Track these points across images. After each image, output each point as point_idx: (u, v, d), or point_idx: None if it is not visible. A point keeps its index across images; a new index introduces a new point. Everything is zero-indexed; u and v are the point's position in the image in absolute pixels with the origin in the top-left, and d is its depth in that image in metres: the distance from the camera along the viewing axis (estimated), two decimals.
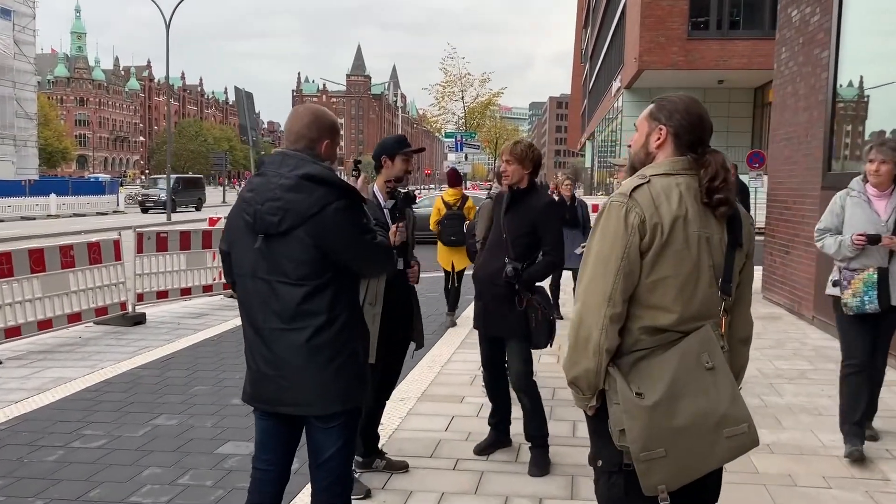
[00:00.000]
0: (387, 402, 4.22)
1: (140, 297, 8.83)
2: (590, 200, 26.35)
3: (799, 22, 8.86)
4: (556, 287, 9.02)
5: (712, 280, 2.08)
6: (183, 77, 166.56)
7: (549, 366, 6.38)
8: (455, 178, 9.08)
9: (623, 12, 34.56)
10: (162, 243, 9.20)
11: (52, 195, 33.80)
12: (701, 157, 2.14)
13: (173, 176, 37.30)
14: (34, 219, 30.84)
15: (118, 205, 39.04)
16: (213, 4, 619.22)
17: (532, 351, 4.30)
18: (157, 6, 31.83)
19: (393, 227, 3.82)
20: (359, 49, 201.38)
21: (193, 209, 40.44)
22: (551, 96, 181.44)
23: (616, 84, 36.57)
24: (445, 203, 8.55)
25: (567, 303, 9.62)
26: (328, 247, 2.46)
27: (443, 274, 9.12)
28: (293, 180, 2.47)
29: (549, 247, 4.24)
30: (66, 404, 5.43)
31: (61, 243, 7.97)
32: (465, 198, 8.56)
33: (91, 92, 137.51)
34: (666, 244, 2.03)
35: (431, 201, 21.75)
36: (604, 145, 47.31)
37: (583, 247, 6.19)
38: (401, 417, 5.04)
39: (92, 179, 49.69)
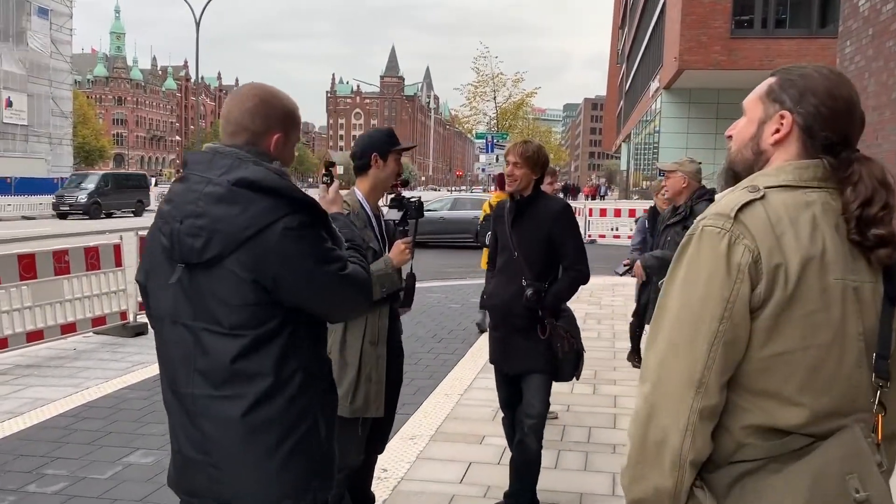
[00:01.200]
0: (379, 455, 3.46)
1: (142, 306, 8.23)
2: (626, 205, 25.52)
3: (868, 11, 7.96)
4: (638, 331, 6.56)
5: (861, 356, 1.33)
6: (219, 77, 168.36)
7: (583, 398, 5.61)
8: (503, 181, 8.38)
9: (662, 11, 33.50)
10: None
11: None
12: (845, 166, 1.38)
13: (100, 172, 32.65)
14: (67, 216, 30.75)
15: (151, 203, 39.03)
16: (251, 5, 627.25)
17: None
18: (189, 5, 31.69)
19: (401, 244, 3.11)
20: (392, 50, 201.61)
21: (132, 214, 33.03)
22: (586, 97, 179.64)
23: (654, 85, 35.51)
24: (492, 206, 7.91)
25: (595, 329, 8.83)
26: (273, 283, 1.77)
27: (464, 282, 8.38)
28: (223, 188, 1.78)
29: (571, 259, 3.54)
30: (35, 433, 4.81)
31: (55, 248, 7.42)
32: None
33: (129, 91, 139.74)
34: (792, 298, 1.29)
35: (443, 204, 21.32)
36: (640, 147, 46.21)
37: (625, 266, 5.42)
38: (409, 462, 4.31)
39: None
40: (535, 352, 3.53)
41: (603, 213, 23.09)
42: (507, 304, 3.56)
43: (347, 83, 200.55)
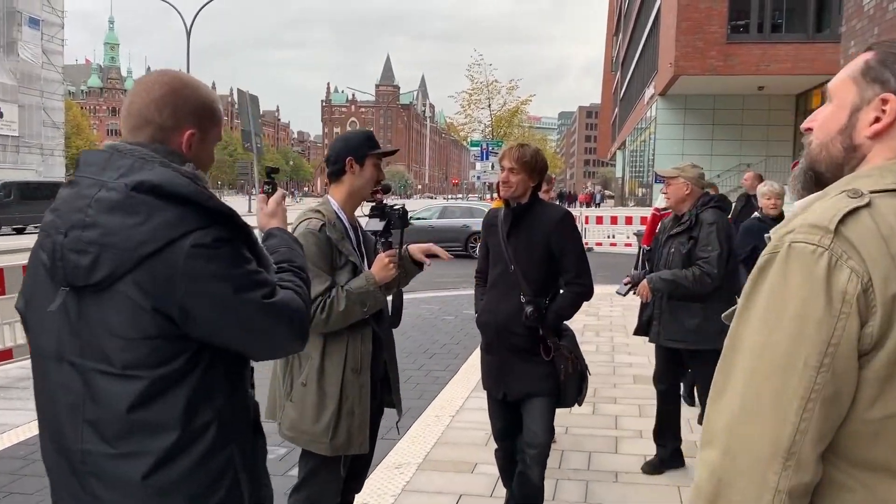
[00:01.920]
0: (356, 495, 3.10)
1: None
2: (622, 212, 25.21)
3: (874, 10, 7.68)
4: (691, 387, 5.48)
5: None
6: (214, 86, 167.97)
7: (582, 419, 5.26)
8: None
9: (657, 17, 33.33)
10: None
11: None
12: None
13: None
14: None
15: None
16: (249, 15, 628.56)
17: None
18: (180, 14, 31.42)
19: (384, 258, 2.78)
20: (388, 59, 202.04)
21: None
22: (580, 105, 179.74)
23: (649, 91, 35.28)
24: None
25: (597, 347, 8.48)
26: (180, 312, 1.46)
27: (458, 293, 8.04)
28: (119, 193, 1.46)
29: (573, 273, 3.23)
30: None
31: (24, 262, 7.05)
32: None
33: (123, 101, 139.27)
34: None
35: (432, 213, 20.95)
36: (636, 155, 45.98)
37: (627, 285, 4.83)
38: (394, 496, 3.96)
39: None
40: (536, 374, 3.21)
41: (599, 220, 22.78)
42: (503, 322, 3.24)
43: (343, 92, 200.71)
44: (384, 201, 2.86)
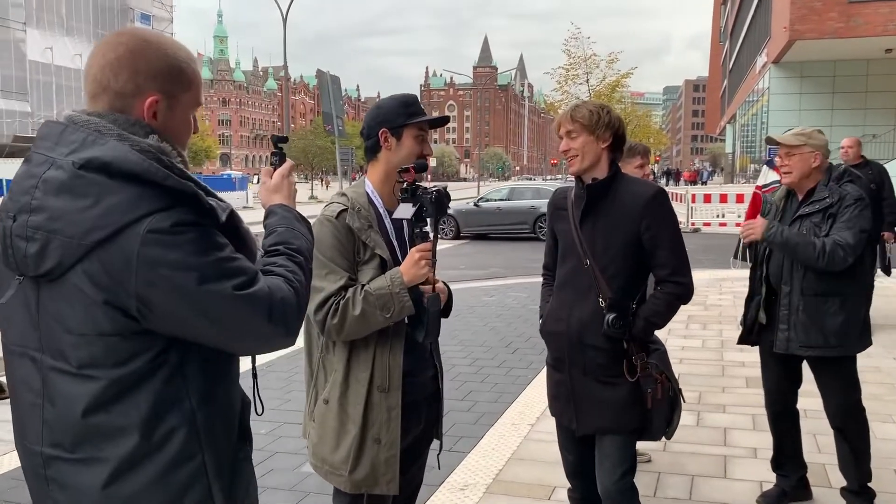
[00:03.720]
0: None
1: None
2: (732, 189, 23.62)
3: None
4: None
5: None
6: (318, 76, 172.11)
7: (684, 431, 4.51)
8: None
9: None
10: None
11: None
12: None
13: None
14: None
15: (247, 201, 39.85)
16: (352, 5, 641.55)
17: None
18: (277, 4, 31.85)
19: (415, 254, 2.20)
20: (485, 40, 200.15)
21: None
22: (687, 79, 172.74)
23: (761, 60, 33.07)
24: None
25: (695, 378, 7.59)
26: (139, 306, 1.33)
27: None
28: (66, 173, 1.34)
29: (668, 268, 2.54)
30: None
31: None
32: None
33: (232, 93, 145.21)
34: None
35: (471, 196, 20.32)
36: (747, 129, 43.47)
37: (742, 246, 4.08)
38: None
39: (224, 176, 51.62)
40: (616, 402, 2.56)
41: (707, 198, 21.43)
42: (576, 332, 2.58)
43: (440, 76, 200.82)
44: (418, 183, 2.26)
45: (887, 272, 7.10)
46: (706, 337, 7.11)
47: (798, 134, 3.40)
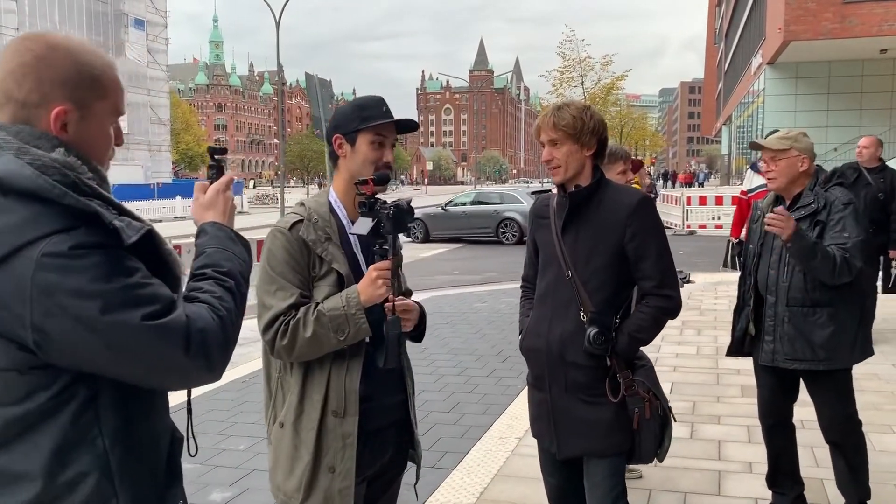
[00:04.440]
0: None
1: None
2: (728, 191, 23.47)
3: None
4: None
5: None
6: (307, 79, 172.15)
7: (677, 444, 4.35)
8: (637, 163, 8.55)
9: None
10: None
11: (178, 198, 35.11)
12: None
13: None
14: (161, 221, 31.70)
15: (242, 206, 39.76)
16: (349, 10, 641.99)
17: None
18: (270, 7, 31.70)
19: (372, 272, 2.04)
20: (481, 43, 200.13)
21: None
22: (682, 81, 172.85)
23: (756, 61, 33.00)
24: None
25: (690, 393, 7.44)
26: (36, 337, 1.19)
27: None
28: None
29: (654, 280, 2.38)
30: None
31: None
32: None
33: (228, 97, 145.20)
34: None
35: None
36: (743, 130, 43.40)
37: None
38: None
39: None
40: (600, 423, 2.40)
41: (703, 201, 21.28)
42: (556, 349, 2.43)
43: (437, 79, 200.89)
44: (377, 196, 2.10)
45: (890, 291, 6.41)
46: (701, 343, 6.97)
47: (783, 138, 3.26)
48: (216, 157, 1.68)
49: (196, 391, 5.41)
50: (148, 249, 1.29)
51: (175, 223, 30.04)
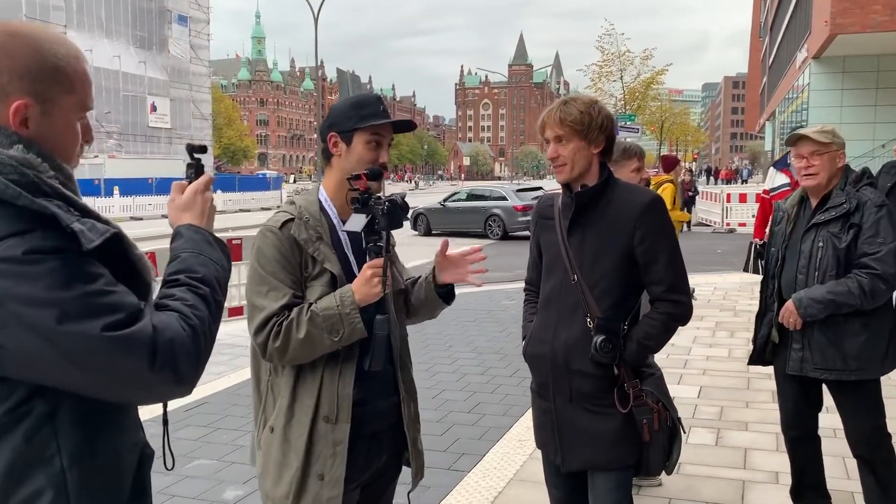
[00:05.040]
0: None
1: None
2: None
3: None
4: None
5: None
6: (368, 81, 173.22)
7: (701, 451, 4.22)
8: (672, 161, 8.47)
9: None
10: (235, 252, 7.91)
11: (219, 192, 35.61)
12: None
13: None
14: None
15: (281, 200, 40.22)
16: (391, 6, 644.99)
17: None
18: (310, 5, 31.98)
19: (367, 271, 1.99)
20: (521, 38, 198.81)
21: None
22: (726, 76, 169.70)
23: (801, 55, 32.17)
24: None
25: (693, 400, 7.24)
26: None
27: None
28: None
29: (664, 285, 2.28)
30: None
31: None
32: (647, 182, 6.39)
33: (270, 93, 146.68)
34: None
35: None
36: (786, 126, 42.43)
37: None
38: None
39: (259, 176, 52.18)
40: (606, 435, 2.30)
41: (743, 198, 20.83)
42: (561, 356, 2.33)
43: (475, 74, 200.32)
44: (370, 192, 2.04)
45: None
46: (733, 346, 6.77)
47: (823, 131, 3.10)
48: (195, 155, 1.59)
49: (218, 387, 5.42)
50: (114, 254, 1.21)
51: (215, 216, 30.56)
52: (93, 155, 38.48)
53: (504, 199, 19.79)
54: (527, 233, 13.36)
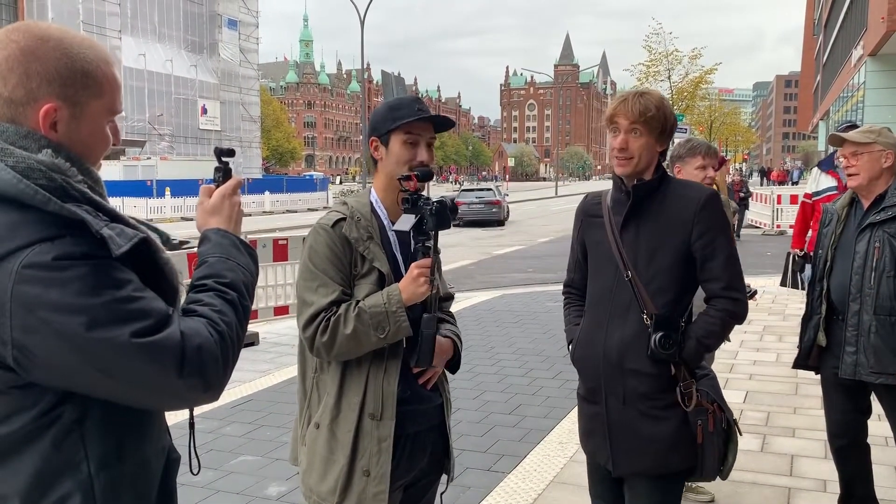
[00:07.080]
0: None
1: (254, 314, 7.73)
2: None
3: None
4: None
5: None
6: (414, 82, 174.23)
7: (747, 457, 4.14)
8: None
9: None
10: (281, 252, 8.04)
11: (267, 192, 36.18)
12: None
13: None
14: (250, 215, 32.79)
15: (328, 202, 40.69)
16: (439, 8, 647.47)
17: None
18: (355, 6, 32.27)
19: (414, 270, 2.03)
20: (567, 38, 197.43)
21: None
22: (778, 74, 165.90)
23: (857, 53, 31.28)
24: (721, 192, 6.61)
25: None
26: (16, 354, 1.12)
27: None
28: None
29: (723, 283, 2.24)
30: None
31: None
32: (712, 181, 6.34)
33: (317, 95, 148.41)
34: None
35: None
36: (841, 125, 41.28)
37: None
38: None
39: (306, 177, 52.90)
40: (662, 438, 2.23)
41: (794, 199, 20.32)
42: (615, 357, 2.27)
43: (521, 75, 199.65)
44: (420, 192, 2.08)
45: None
46: (781, 350, 6.63)
47: (867, 131, 3.04)
48: (223, 159, 1.58)
49: (263, 385, 5.52)
50: (142, 259, 1.20)
51: (262, 217, 31.11)
52: (146, 157, 39.51)
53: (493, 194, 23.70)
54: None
